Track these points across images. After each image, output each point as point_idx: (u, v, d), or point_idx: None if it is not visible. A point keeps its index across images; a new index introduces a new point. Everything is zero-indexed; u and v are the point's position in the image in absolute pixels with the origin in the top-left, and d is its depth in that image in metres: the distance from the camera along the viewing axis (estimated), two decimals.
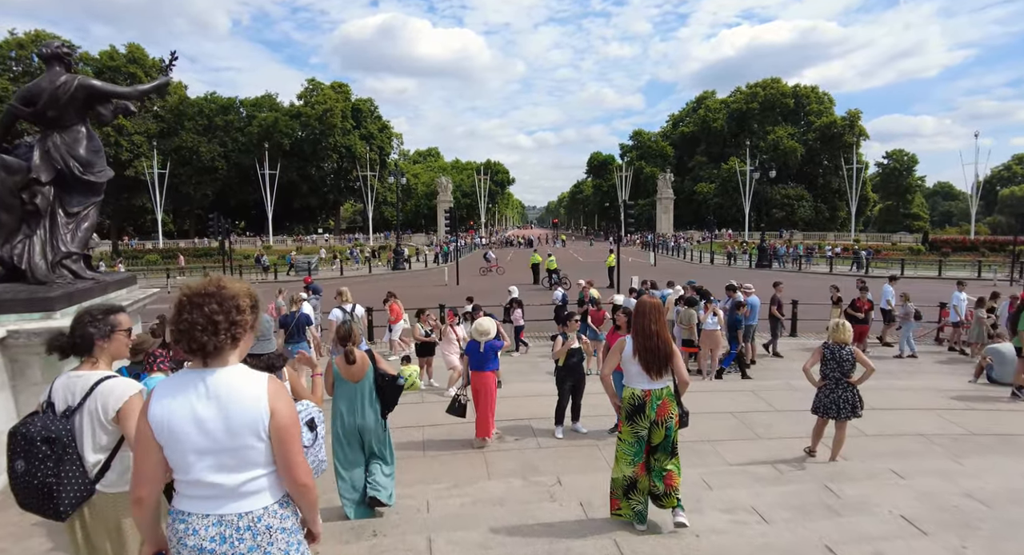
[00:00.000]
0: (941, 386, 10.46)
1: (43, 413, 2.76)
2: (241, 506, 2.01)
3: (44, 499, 2.64)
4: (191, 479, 2.00)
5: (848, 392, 6.52)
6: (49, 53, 7.49)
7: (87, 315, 2.89)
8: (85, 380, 2.77)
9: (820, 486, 5.39)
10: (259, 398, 2.00)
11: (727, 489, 5.41)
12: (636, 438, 4.46)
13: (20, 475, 2.64)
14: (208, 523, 1.99)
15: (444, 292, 24.44)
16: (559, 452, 6.92)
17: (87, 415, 2.72)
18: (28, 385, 6.33)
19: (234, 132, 75.19)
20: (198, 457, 1.97)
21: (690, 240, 64.64)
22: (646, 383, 4.43)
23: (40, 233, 7.14)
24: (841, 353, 6.50)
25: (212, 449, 1.96)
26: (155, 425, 1.98)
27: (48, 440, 2.63)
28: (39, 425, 2.68)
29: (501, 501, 5.30)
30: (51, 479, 2.62)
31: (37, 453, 2.62)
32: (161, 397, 2.00)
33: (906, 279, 31.28)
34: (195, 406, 1.96)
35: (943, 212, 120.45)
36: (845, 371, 6.50)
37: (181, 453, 1.98)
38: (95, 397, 2.71)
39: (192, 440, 1.96)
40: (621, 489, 4.50)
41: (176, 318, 2.01)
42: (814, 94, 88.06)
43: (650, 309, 4.50)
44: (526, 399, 9.03)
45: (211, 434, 1.96)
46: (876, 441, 7.41)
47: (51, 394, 2.83)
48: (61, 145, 7.38)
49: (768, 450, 7.07)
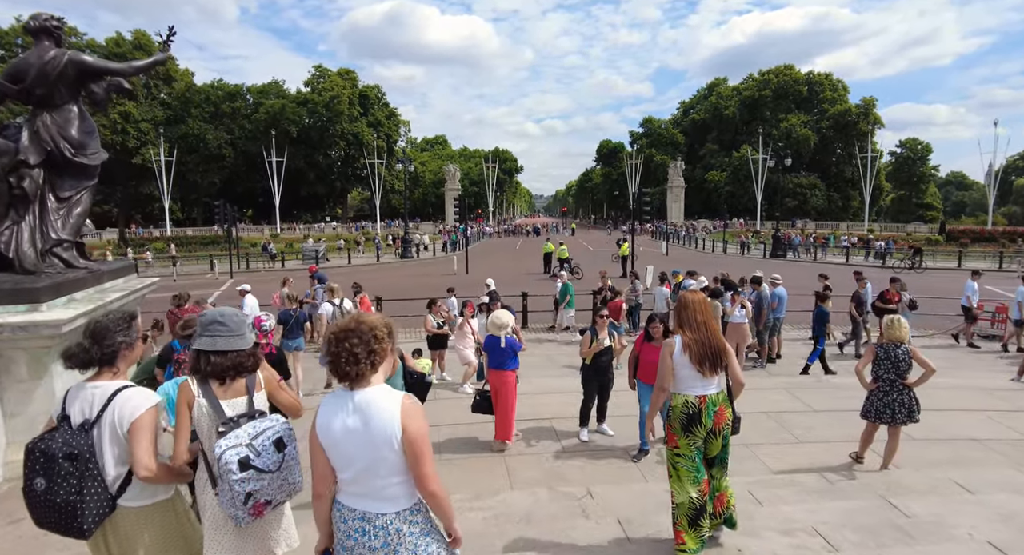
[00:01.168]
0: (983, 384, 9.88)
1: (61, 428, 2.59)
2: (379, 507, 2.32)
3: (68, 517, 2.51)
4: (346, 478, 2.35)
5: (904, 395, 5.96)
6: (37, 26, 6.95)
7: (113, 325, 2.71)
8: (103, 391, 2.63)
9: (882, 502, 4.87)
10: (393, 415, 2.26)
11: (779, 504, 4.90)
12: (694, 449, 3.98)
13: (40, 493, 2.50)
14: (354, 516, 2.34)
15: (454, 281, 23.94)
16: (586, 458, 6.40)
17: (107, 428, 2.59)
18: (14, 383, 5.86)
19: (241, 119, 74.67)
20: (350, 461, 2.30)
21: (707, 229, 63.68)
22: (700, 386, 3.96)
23: (29, 219, 6.65)
24: (897, 352, 5.92)
25: (359, 456, 2.28)
26: (320, 433, 2.33)
27: (70, 457, 2.49)
28: (60, 441, 2.52)
29: (528, 517, 4.79)
30: (74, 497, 2.49)
31: (59, 470, 2.49)
32: (324, 411, 2.35)
33: (924, 271, 30.67)
34: (345, 420, 2.28)
35: (956, 202, 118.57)
36: (901, 372, 5.95)
37: (337, 457, 2.32)
38: (113, 409, 2.58)
39: (344, 448, 2.29)
40: (687, 517, 3.89)
41: (327, 350, 2.35)
42: (828, 81, 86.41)
43: (693, 301, 4.11)
44: (545, 396, 8.54)
45: (357, 444, 2.27)
46: (927, 447, 6.86)
47: (65, 406, 2.65)
48: (51, 125, 6.88)
49: (811, 456, 6.54)
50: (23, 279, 6.15)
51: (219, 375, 2.68)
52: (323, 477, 2.38)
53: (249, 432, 2.58)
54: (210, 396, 2.67)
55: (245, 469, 2.50)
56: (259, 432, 2.60)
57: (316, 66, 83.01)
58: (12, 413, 5.89)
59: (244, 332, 2.75)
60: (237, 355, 2.70)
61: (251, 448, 2.54)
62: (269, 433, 2.62)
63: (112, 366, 2.70)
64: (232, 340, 2.69)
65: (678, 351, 3.98)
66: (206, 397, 2.67)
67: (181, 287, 22.80)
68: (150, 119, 66.53)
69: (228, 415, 2.65)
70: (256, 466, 2.53)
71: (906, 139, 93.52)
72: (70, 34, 55.32)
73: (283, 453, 2.64)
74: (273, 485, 2.61)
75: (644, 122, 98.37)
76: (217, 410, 2.65)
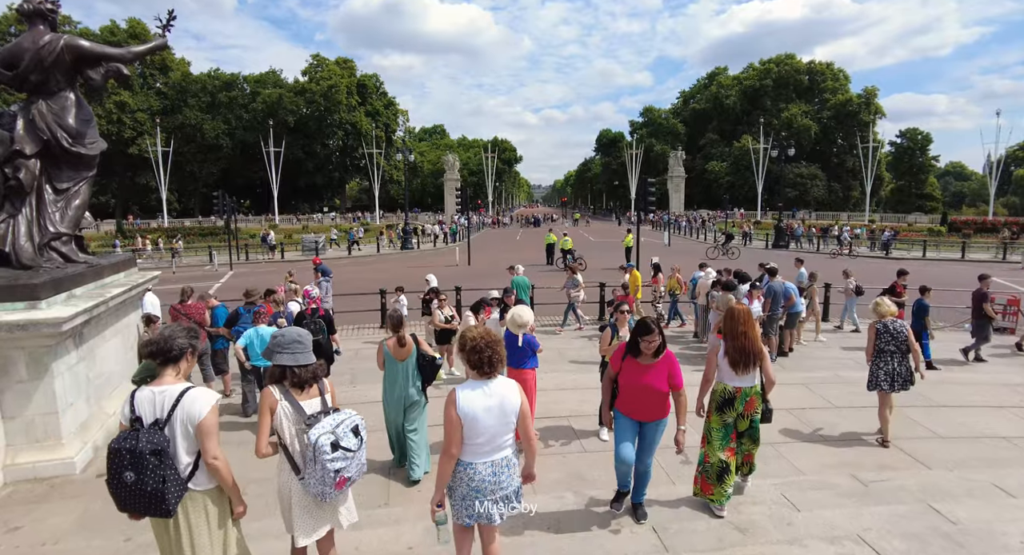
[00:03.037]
0: (1004, 380, 9.66)
1: (143, 428, 3.00)
2: (502, 454, 3.35)
3: (156, 502, 2.97)
4: (479, 442, 3.25)
5: (902, 366, 6.62)
6: (31, 9, 6.64)
7: (180, 331, 3.23)
8: (170, 393, 3.06)
9: (924, 507, 4.67)
10: (517, 396, 3.35)
11: (817, 509, 4.69)
12: (724, 425, 4.96)
13: (131, 484, 2.94)
14: (485, 465, 3.29)
15: (455, 273, 23.67)
16: (608, 458, 6.14)
17: (178, 425, 3.04)
18: (12, 383, 5.62)
19: (238, 109, 73.97)
20: (485, 429, 3.22)
21: (713, 220, 63.23)
22: (736, 380, 4.89)
23: (26, 212, 6.38)
24: (894, 326, 6.65)
25: (493, 424, 3.24)
26: (461, 413, 3.20)
27: (155, 453, 2.95)
28: (144, 440, 2.95)
29: (557, 525, 4.57)
30: (160, 485, 2.95)
31: (147, 464, 2.93)
32: (464, 396, 3.23)
33: (927, 261, 30.48)
34: (485, 401, 3.24)
35: (955, 192, 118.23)
36: (899, 344, 6.60)
37: (474, 428, 3.21)
38: (182, 408, 3.03)
39: (483, 419, 3.21)
40: (715, 474, 4.84)
41: (470, 352, 3.28)
42: (829, 71, 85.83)
43: (739, 314, 4.93)
44: (560, 393, 8.31)
45: (493, 416, 3.24)
46: (955, 445, 6.65)
47: (134, 409, 3.05)
48: (47, 113, 6.58)
49: (838, 455, 6.33)
50: (21, 275, 5.89)
51: (302, 384, 3.32)
52: (457, 443, 3.24)
53: (331, 423, 3.23)
54: (292, 400, 3.30)
55: (335, 450, 3.15)
56: (339, 422, 3.25)
57: (314, 55, 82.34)
58: (10, 415, 5.65)
59: (304, 344, 3.37)
60: (315, 367, 3.37)
61: (335, 434, 3.18)
62: (348, 422, 3.29)
63: (176, 365, 3.17)
64: (308, 355, 3.35)
65: (721, 354, 4.90)
66: (288, 401, 3.29)
67: (180, 279, 22.50)
68: (146, 109, 65.85)
69: (308, 413, 3.27)
70: (344, 446, 3.19)
71: (906, 129, 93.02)
72: (63, 22, 54.61)
73: (359, 437, 3.32)
74: (353, 464, 3.26)
75: (644, 112, 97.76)
76: (299, 410, 3.28)
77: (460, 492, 3.29)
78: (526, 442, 3.45)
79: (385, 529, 4.62)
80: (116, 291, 6.98)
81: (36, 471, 5.74)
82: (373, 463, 6.07)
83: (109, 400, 7.18)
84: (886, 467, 5.99)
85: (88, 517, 5.05)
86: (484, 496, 3.25)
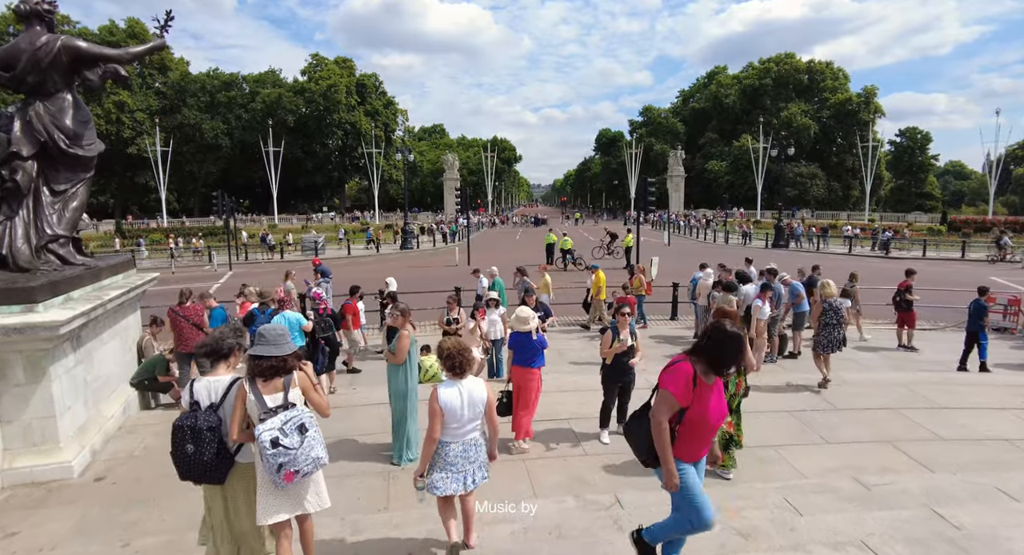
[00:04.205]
0: (1005, 380, 9.66)
1: (200, 410, 3.56)
2: (472, 436, 4.16)
3: (211, 470, 3.52)
4: (454, 427, 4.06)
5: (842, 333, 8.95)
6: (28, 9, 6.59)
7: (229, 332, 3.89)
8: (222, 383, 3.65)
9: (927, 512, 4.64)
10: (483, 390, 4.17)
11: (819, 514, 4.66)
12: None
13: (191, 455, 3.47)
14: (458, 445, 4.11)
15: (455, 273, 23.63)
16: (609, 461, 6.13)
17: (229, 408, 3.58)
18: (9, 387, 5.58)
19: (237, 109, 73.90)
20: (458, 417, 4.03)
21: (716, 220, 63.10)
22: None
23: (23, 214, 6.34)
24: (835, 303, 8.94)
25: (465, 414, 4.05)
26: (441, 404, 4.00)
27: (211, 429, 3.50)
28: (202, 419, 3.51)
29: (558, 531, 4.53)
30: (214, 456, 3.49)
31: (204, 439, 3.46)
32: (443, 392, 4.03)
33: (928, 261, 30.45)
34: (458, 395, 4.06)
35: (954, 191, 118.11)
36: (839, 318, 8.89)
37: (452, 416, 4.02)
38: (232, 394, 3.59)
39: (457, 409, 4.02)
40: (722, 443, 5.48)
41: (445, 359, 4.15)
42: (829, 70, 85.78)
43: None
44: (560, 395, 8.27)
45: (465, 407, 4.05)
46: (958, 448, 6.62)
47: (193, 394, 3.61)
48: (44, 115, 6.54)
49: (841, 457, 6.29)
50: (17, 278, 5.85)
51: (260, 374, 3.52)
52: (439, 428, 4.01)
53: (281, 419, 3.43)
54: (256, 392, 3.51)
55: (275, 447, 3.37)
56: (288, 419, 3.46)
57: (313, 55, 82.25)
58: (7, 419, 5.61)
59: (281, 343, 3.56)
60: (275, 360, 3.52)
61: (281, 431, 3.39)
62: (295, 420, 3.47)
63: (227, 360, 3.77)
64: (269, 349, 3.53)
65: None
66: (253, 392, 3.50)
67: (179, 280, 22.44)
68: (145, 108, 65.75)
69: (269, 405, 3.47)
70: (284, 445, 3.38)
71: (906, 128, 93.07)
72: (61, 23, 54.55)
73: (304, 435, 3.47)
74: (300, 459, 3.42)
75: (644, 111, 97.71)
76: (260, 401, 3.48)
77: (439, 466, 4.07)
78: (491, 427, 4.29)
79: (385, 534, 4.58)
80: (114, 293, 6.94)
81: (34, 475, 5.71)
82: (372, 466, 6.04)
83: (107, 403, 7.14)
84: (888, 470, 5.95)
85: (85, 523, 5.01)
86: (458, 468, 4.07)
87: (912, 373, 9.98)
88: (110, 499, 5.46)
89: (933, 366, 10.90)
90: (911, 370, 10.41)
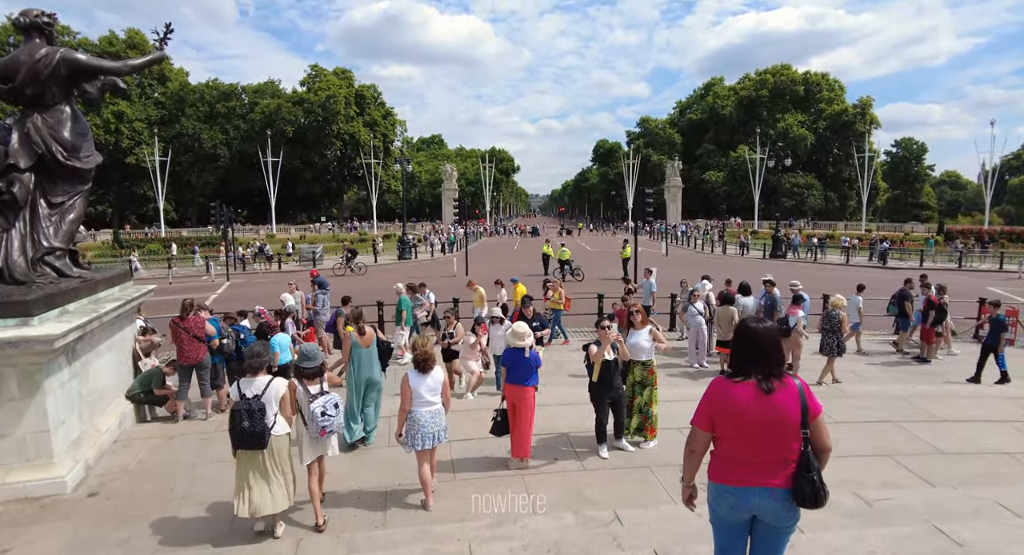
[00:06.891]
0: (1004, 393, 9.61)
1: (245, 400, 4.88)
2: (434, 407, 5.54)
3: (258, 438, 4.82)
4: (420, 400, 5.47)
5: (838, 339, 10.18)
6: (27, 22, 6.61)
7: (262, 349, 5.41)
8: (263, 381, 5.03)
9: (929, 528, 4.60)
10: (441, 374, 5.63)
11: (820, 531, 4.61)
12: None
13: (246, 429, 4.78)
14: (424, 412, 5.48)
15: (453, 283, 23.59)
16: (608, 476, 6.09)
17: (269, 397, 4.96)
18: (4, 401, 5.53)
19: (236, 119, 74.08)
20: (422, 393, 5.48)
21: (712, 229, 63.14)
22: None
23: (19, 226, 6.32)
24: (833, 314, 10.25)
25: (427, 389, 5.50)
26: (410, 384, 5.45)
27: (261, 410, 4.84)
28: (254, 404, 4.84)
29: (557, 548, 4.48)
30: (261, 428, 4.81)
31: (256, 417, 4.80)
32: (412, 377, 5.51)
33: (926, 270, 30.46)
34: (423, 379, 5.49)
35: (950, 201, 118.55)
36: (834, 326, 10.16)
37: (417, 392, 5.46)
38: (271, 389, 4.99)
39: (421, 389, 5.49)
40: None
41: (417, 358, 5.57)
42: (824, 81, 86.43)
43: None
44: (559, 408, 8.23)
45: (427, 387, 5.49)
46: (959, 461, 6.59)
47: (240, 389, 4.98)
48: (43, 127, 6.54)
49: (841, 472, 6.17)
50: (13, 291, 5.82)
51: (306, 376, 5.26)
52: (408, 402, 5.43)
53: (324, 400, 5.17)
54: (303, 385, 5.24)
55: (324, 416, 5.10)
56: (328, 399, 5.20)
57: (312, 66, 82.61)
58: (1, 434, 5.55)
59: (315, 357, 5.35)
60: (317, 368, 5.31)
61: (324, 406, 5.13)
62: (333, 399, 5.24)
63: (262, 370, 5.10)
64: (312, 362, 5.30)
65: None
66: (302, 386, 5.22)
67: (177, 290, 22.40)
68: (144, 118, 65.85)
69: (312, 393, 5.19)
70: (329, 414, 5.13)
71: (901, 139, 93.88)
72: (62, 33, 54.76)
73: (338, 408, 5.26)
74: (334, 423, 5.21)
75: (641, 122, 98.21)
76: (306, 391, 5.20)
77: (412, 430, 5.41)
78: (446, 401, 5.67)
79: (381, 553, 4.53)
80: (110, 306, 6.90)
81: (27, 491, 5.64)
82: (368, 484, 6.00)
83: (103, 417, 7.08)
84: (889, 485, 5.92)
85: (78, 540, 4.95)
86: (426, 430, 5.40)
87: (911, 385, 9.95)
88: (103, 515, 5.41)
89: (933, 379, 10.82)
90: (910, 382, 10.38)
